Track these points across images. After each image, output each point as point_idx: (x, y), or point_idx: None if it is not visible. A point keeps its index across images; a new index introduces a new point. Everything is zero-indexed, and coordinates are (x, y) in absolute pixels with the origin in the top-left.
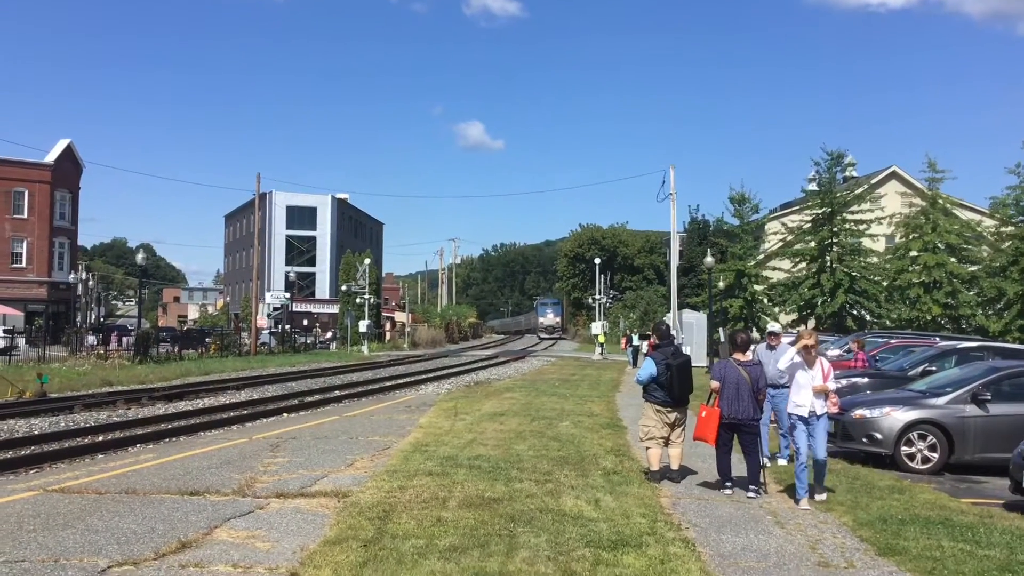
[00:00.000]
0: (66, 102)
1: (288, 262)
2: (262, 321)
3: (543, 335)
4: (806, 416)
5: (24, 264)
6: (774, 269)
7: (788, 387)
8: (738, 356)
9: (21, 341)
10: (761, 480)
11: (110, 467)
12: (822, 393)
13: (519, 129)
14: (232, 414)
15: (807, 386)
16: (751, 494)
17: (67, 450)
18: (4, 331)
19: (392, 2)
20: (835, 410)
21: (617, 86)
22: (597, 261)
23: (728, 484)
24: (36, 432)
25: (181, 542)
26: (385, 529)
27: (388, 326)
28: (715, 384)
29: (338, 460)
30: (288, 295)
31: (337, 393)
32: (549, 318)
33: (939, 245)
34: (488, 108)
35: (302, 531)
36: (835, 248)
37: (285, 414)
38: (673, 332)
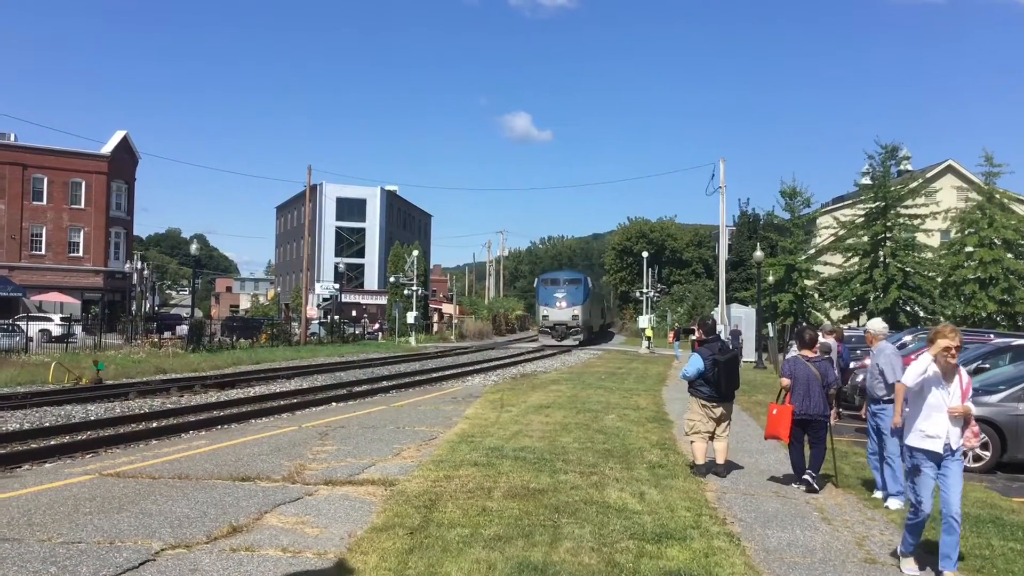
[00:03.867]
0: (123, 94)
1: (337, 253)
2: (312, 311)
3: (548, 338)
4: (940, 452)
5: (81, 253)
6: (825, 264)
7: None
8: (806, 352)
9: (78, 329)
10: (820, 471)
11: (164, 452)
12: (961, 418)
13: (567, 120)
14: (282, 402)
15: (942, 408)
16: (807, 476)
17: (122, 435)
18: (61, 319)
19: None
20: (975, 443)
21: (666, 77)
22: (645, 255)
23: (803, 479)
24: (92, 418)
25: (232, 526)
26: (431, 517)
27: (435, 318)
28: (786, 381)
29: (385, 449)
30: (337, 286)
31: (384, 383)
32: (559, 309)
33: (995, 241)
34: (535, 99)
35: (350, 518)
36: (888, 243)
37: (334, 403)
38: (720, 327)
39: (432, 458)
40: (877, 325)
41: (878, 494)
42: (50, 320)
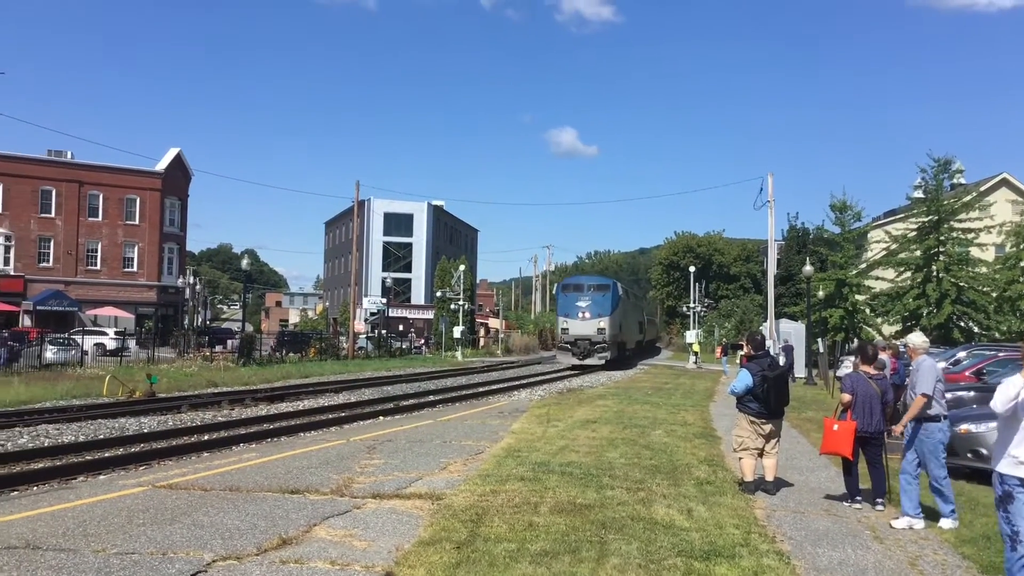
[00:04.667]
0: (177, 112)
1: (385, 268)
2: (359, 326)
3: (568, 356)
4: None
5: (135, 268)
6: (877, 279)
7: (941, 419)
8: (867, 369)
9: (132, 343)
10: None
11: (215, 465)
12: None
13: (613, 135)
14: (330, 416)
15: None
16: (880, 507)
17: (174, 448)
18: (116, 333)
19: (486, 9)
20: None
21: (713, 91)
22: (692, 269)
23: (858, 499)
24: (145, 430)
25: (282, 538)
26: (478, 532)
27: (482, 332)
28: (847, 397)
29: (432, 463)
30: (384, 300)
31: (431, 398)
32: (582, 320)
33: None
34: (581, 114)
35: (397, 531)
36: (942, 257)
37: (381, 417)
38: (770, 342)
39: (478, 472)
40: (917, 339)
41: (900, 522)
42: (105, 334)
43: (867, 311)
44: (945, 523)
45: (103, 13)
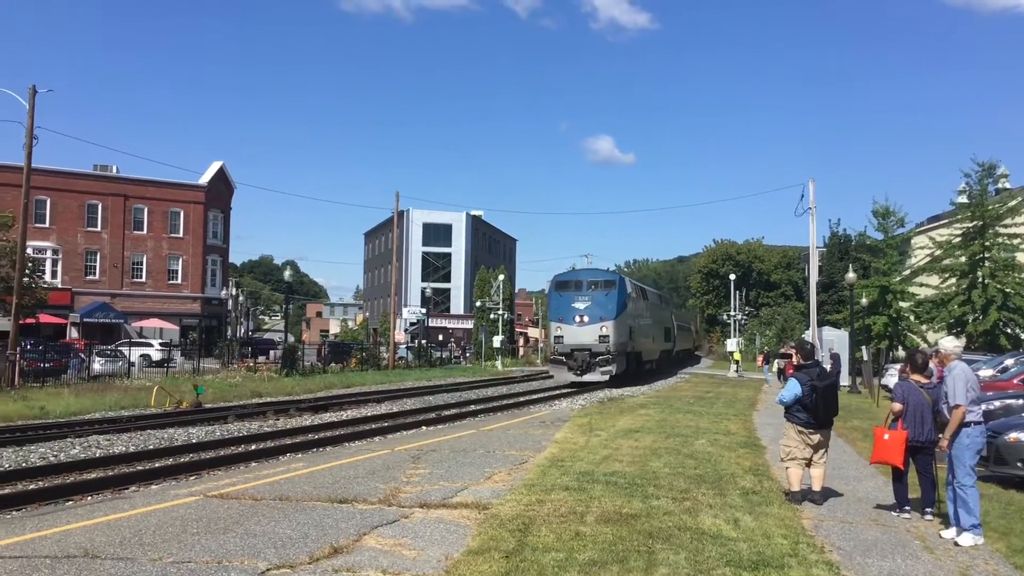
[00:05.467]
0: (219, 124)
1: (424, 278)
2: (400, 336)
3: (562, 371)
4: None
5: (180, 280)
6: (921, 285)
7: (973, 425)
8: (918, 377)
9: (177, 354)
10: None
11: (264, 475)
12: None
13: (650, 142)
14: (374, 426)
15: None
16: (928, 516)
17: (223, 458)
18: (161, 344)
19: (522, 19)
20: None
21: (752, 97)
22: (732, 277)
23: (907, 508)
24: (194, 441)
25: (333, 547)
26: (525, 541)
27: (521, 341)
28: (897, 407)
29: (477, 473)
30: (424, 310)
31: (473, 407)
32: (579, 325)
33: None
34: (618, 122)
35: (445, 541)
36: (987, 263)
37: (424, 427)
38: (820, 352)
39: (523, 482)
40: (948, 343)
41: (949, 532)
42: (150, 345)
43: (912, 318)
44: (965, 539)
45: (147, 30)
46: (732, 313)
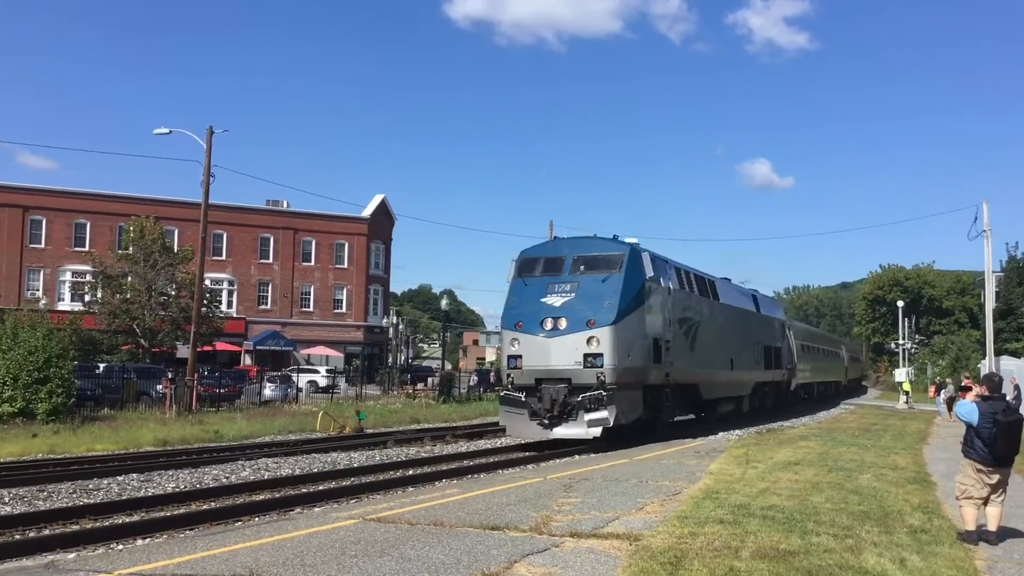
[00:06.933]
0: (381, 158)
1: None
2: None
3: (513, 414)
4: None
5: (344, 310)
6: None
7: None
8: None
9: (341, 380)
10: None
11: (420, 499)
12: None
13: (809, 165)
14: (527, 453)
15: None
16: None
17: (382, 482)
18: (327, 371)
19: (675, 45)
20: None
21: (919, 115)
22: (900, 304)
23: None
24: (355, 465)
25: (484, 574)
26: (677, 575)
27: None
28: None
29: (628, 503)
30: None
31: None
32: (549, 340)
33: None
34: (775, 145)
35: (596, 571)
36: None
37: (576, 456)
38: (1009, 386)
39: (676, 513)
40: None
41: None
42: (316, 372)
43: None
44: None
45: (312, 76)
46: (901, 341)
